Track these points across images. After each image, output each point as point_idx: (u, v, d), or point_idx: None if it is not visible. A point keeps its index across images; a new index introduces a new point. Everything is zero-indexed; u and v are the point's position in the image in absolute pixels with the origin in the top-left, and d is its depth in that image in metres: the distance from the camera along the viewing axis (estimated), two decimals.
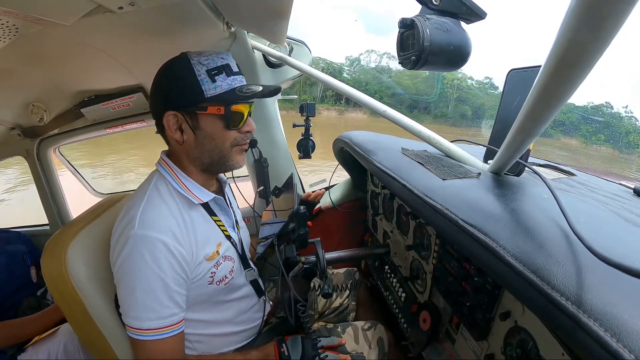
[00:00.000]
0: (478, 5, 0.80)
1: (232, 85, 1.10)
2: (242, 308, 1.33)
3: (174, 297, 1.06)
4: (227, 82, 1.09)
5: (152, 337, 1.04)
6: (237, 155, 1.19)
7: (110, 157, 11.90)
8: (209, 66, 1.08)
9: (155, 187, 1.14)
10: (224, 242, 1.22)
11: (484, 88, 43.12)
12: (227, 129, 1.12)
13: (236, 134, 1.15)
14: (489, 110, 38.71)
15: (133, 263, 1.02)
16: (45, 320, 1.69)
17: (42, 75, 1.57)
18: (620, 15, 0.44)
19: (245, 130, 1.17)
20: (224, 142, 1.14)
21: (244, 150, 1.21)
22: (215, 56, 1.10)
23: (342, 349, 1.37)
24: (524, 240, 0.72)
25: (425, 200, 1.01)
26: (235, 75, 1.12)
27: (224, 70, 1.09)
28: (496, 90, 43.14)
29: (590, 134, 16.39)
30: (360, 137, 1.73)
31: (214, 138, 1.13)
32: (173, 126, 1.12)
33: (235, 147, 1.17)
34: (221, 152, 1.15)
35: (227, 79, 1.09)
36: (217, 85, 1.08)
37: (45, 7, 0.88)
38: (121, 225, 1.08)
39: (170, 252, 1.03)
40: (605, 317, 0.52)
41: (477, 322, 0.99)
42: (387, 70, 47.41)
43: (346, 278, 1.79)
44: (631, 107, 44.04)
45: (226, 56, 1.13)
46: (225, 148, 1.15)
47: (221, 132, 1.13)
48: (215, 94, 1.08)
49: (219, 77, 1.08)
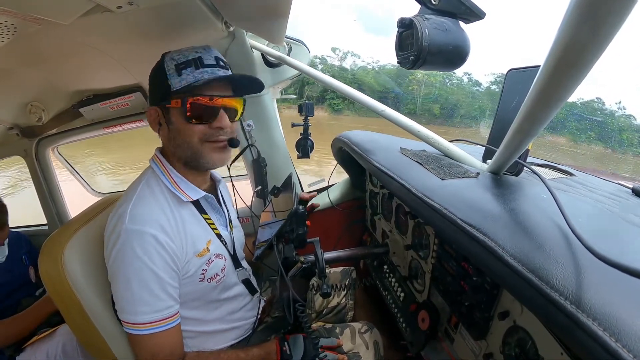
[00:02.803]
0: (477, 5, 0.80)
1: (197, 78, 1.08)
2: (233, 307, 1.34)
3: (167, 290, 1.07)
4: (193, 75, 1.08)
5: (148, 330, 1.05)
6: (210, 153, 1.15)
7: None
8: (179, 61, 1.08)
9: (147, 184, 1.15)
10: (214, 240, 1.23)
11: (461, 84, 42.66)
12: (188, 122, 1.10)
13: (205, 129, 1.12)
14: (465, 107, 38.38)
15: (125, 257, 1.02)
16: (39, 313, 1.70)
17: (41, 74, 1.56)
18: (620, 15, 0.44)
19: (216, 126, 1.12)
20: (191, 137, 1.12)
21: (218, 149, 1.16)
22: (189, 51, 1.10)
23: (340, 349, 1.38)
24: (523, 239, 0.72)
25: (424, 200, 1.01)
26: (206, 68, 1.09)
27: (193, 64, 1.08)
28: (479, 87, 42.77)
29: (580, 132, 16.07)
30: (359, 136, 1.73)
31: (181, 132, 1.13)
32: (153, 121, 1.15)
33: (206, 144, 1.14)
34: (191, 148, 1.13)
35: (195, 72, 1.08)
36: (183, 78, 1.08)
37: (43, 7, 0.88)
38: (113, 222, 1.09)
39: (161, 245, 1.04)
40: (604, 316, 0.52)
41: (476, 321, 0.99)
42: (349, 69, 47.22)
43: (343, 277, 1.78)
44: (624, 103, 43.17)
45: (203, 50, 1.12)
46: (194, 143, 1.13)
47: (185, 126, 1.11)
48: (179, 87, 1.08)
49: (186, 70, 1.08)
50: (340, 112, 31.62)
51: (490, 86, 41.66)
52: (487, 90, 41.48)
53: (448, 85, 41.97)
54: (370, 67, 46.65)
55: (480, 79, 41.76)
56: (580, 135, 16.07)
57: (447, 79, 40.20)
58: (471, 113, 37.08)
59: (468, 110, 37.68)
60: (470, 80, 41.56)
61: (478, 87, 42.32)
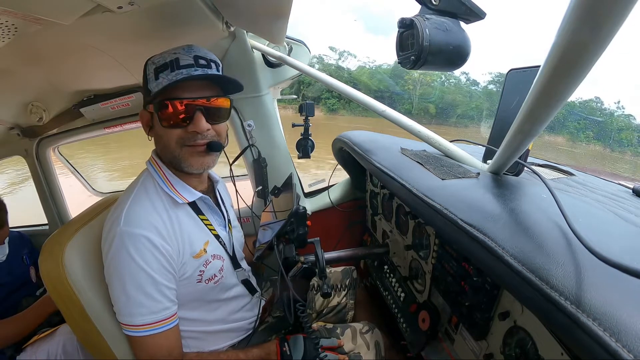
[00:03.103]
0: (477, 5, 0.80)
1: (171, 80, 1.05)
2: (233, 308, 1.34)
3: (163, 291, 1.07)
4: (168, 77, 1.06)
5: (146, 332, 1.05)
6: (189, 157, 1.12)
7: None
8: (157, 64, 1.08)
9: (143, 185, 1.16)
10: (211, 241, 1.23)
11: (459, 84, 42.42)
12: (162, 126, 1.09)
13: (181, 133, 1.09)
14: (462, 106, 38.19)
15: (120, 260, 1.03)
16: (39, 312, 1.70)
17: (41, 75, 1.56)
18: (620, 15, 0.44)
19: (191, 130, 1.08)
20: (169, 141, 1.11)
21: (197, 153, 1.13)
22: (169, 53, 1.08)
23: (341, 350, 1.38)
24: (523, 240, 0.72)
25: (424, 200, 1.01)
26: (182, 69, 1.06)
27: (169, 66, 1.06)
28: (477, 87, 42.52)
29: (578, 131, 15.89)
30: (360, 137, 1.73)
31: (160, 136, 1.13)
32: (145, 124, 1.17)
33: (185, 148, 1.11)
34: (170, 151, 1.12)
35: (170, 74, 1.05)
36: (159, 82, 1.07)
37: (44, 7, 0.88)
38: (109, 223, 1.09)
39: (156, 247, 1.04)
40: (604, 316, 0.52)
41: (476, 321, 0.99)
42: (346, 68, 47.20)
43: (344, 277, 1.78)
44: (623, 102, 42.71)
45: (182, 50, 1.09)
46: (172, 147, 1.11)
47: (162, 130, 1.11)
48: (155, 91, 1.07)
49: (163, 73, 1.06)
50: (336, 112, 31.55)
51: (488, 85, 41.45)
52: (484, 89, 41.27)
53: (445, 84, 41.77)
54: (367, 67, 46.54)
55: (478, 79, 41.51)
56: (579, 134, 15.92)
57: (444, 78, 39.98)
58: (468, 113, 36.97)
59: (465, 110, 37.54)
60: (468, 80, 41.38)
61: (476, 87, 42.13)
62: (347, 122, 26.71)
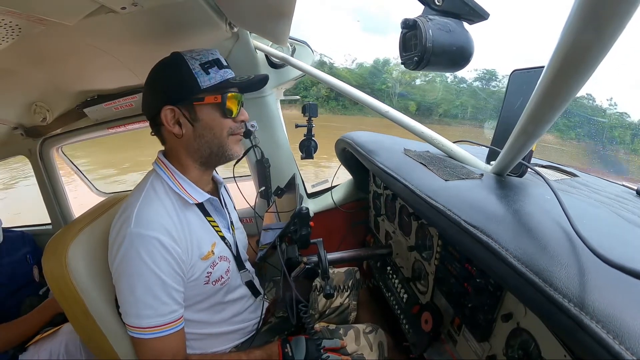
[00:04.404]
0: (481, 5, 0.80)
1: (224, 77, 1.14)
2: (237, 309, 1.34)
3: (172, 294, 1.07)
4: (219, 74, 1.13)
5: (152, 335, 1.05)
6: (234, 145, 1.22)
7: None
8: (202, 60, 1.12)
9: (152, 186, 1.15)
10: (218, 242, 1.23)
11: (445, 82, 41.64)
12: (224, 117, 1.16)
13: (231, 123, 1.19)
14: (444, 104, 37.49)
15: (130, 261, 1.03)
16: (43, 315, 1.70)
17: (45, 75, 1.57)
18: (624, 16, 0.44)
19: (240, 119, 1.21)
20: (222, 131, 1.17)
21: (239, 140, 1.24)
22: (205, 52, 1.14)
23: (343, 350, 1.38)
24: (527, 241, 0.72)
25: (427, 201, 1.01)
26: (226, 69, 1.16)
27: (215, 64, 1.14)
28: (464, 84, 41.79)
29: (569, 129, 15.55)
30: (363, 137, 1.73)
31: (212, 127, 1.16)
32: (171, 120, 1.14)
33: (231, 137, 1.20)
34: (220, 141, 1.18)
35: (220, 71, 1.14)
36: (212, 77, 1.12)
37: (48, 8, 0.88)
38: (118, 224, 1.09)
39: (166, 250, 1.04)
40: (608, 319, 0.52)
41: (479, 323, 0.99)
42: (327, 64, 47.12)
43: (347, 277, 1.79)
44: (615, 99, 41.81)
45: (215, 52, 1.17)
46: (223, 137, 1.18)
47: (219, 121, 1.16)
48: (210, 85, 1.11)
49: (212, 69, 1.12)
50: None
51: (473, 82, 40.84)
52: (469, 86, 40.68)
53: (430, 83, 41.27)
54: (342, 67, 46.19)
55: (466, 76, 40.81)
56: (569, 132, 15.56)
57: (431, 77, 39.24)
58: (451, 111, 36.37)
59: (448, 108, 36.87)
60: (455, 78, 40.80)
61: (464, 84, 41.53)
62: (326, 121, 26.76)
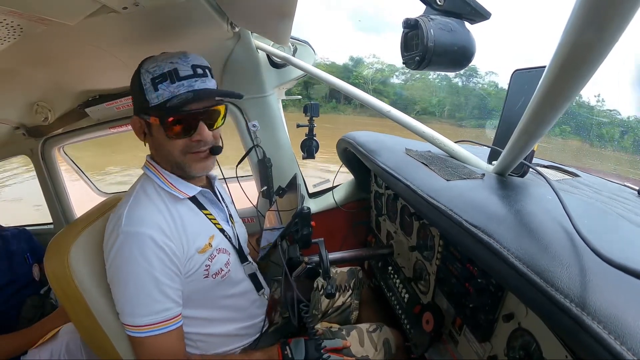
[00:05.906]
0: (482, 5, 0.80)
1: (174, 93, 1.05)
2: (242, 304, 1.33)
3: (166, 292, 1.06)
4: (169, 89, 1.05)
5: (147, 333, 1.04)
6: (194, 163, 1.15)
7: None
8: (155, 74, 1.05)
9: (142, 187, 1.16)
10: (216, 235, 1.23)
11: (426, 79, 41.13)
12: (168, 138, 1.10)
13: (185, 142, 1.11)
14: (421, 102, 37.09)
15: (122, 260, 1.03)
16: (49, 327, 1.69)
17: (47, 75, 1.57)
18: (626, 15, 0.44)
19: (196, 139, 1.11)
20: (173, 150, 1.12)
21: (200, 159, 1.16)
22: (165, 62, 1.06)
23: (347, 351, 1.37)
24: (528, 241, 0.72)
25: (429, 201, 1.01)
26: (183, 81, 1.06)
27: (168, 77, 1.05)
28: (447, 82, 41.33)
29: (555, 126, 15.42)
30: (364, 137, 1.73)
31: (162, 145, 1.13)
32: (138, 129, 1.16)
33: (188, 155, 1.14)
34: (174, 159, 1.14)
35: (171, 86, 1.05)
36: (160, 94, 1.05)
37: (49, 8, 0.88)
38: (111, 225, 1.10)
39: (159, 247, 1.04)
40: (609, 319, 0.52)
41: (480, 323, 0.99)
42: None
43: (349, 277, 1.79)
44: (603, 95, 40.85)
45: (178, 60, 1.07)
46: (177, 156, 1.13)
47: (165, 141, 1.11)
48: (156, 104, 1.06)
49: (162, 85, 1.05)
50: (285, 109, 31.08)
51: (453, 79, 40.45)
52: (448, 82, 40.30)
53: (408, 83, 40.79)
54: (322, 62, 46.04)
55: (449, 73, 40.31)
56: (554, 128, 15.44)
57: (410, 75, 38.78)
58: (428, 109, 35.84)
59: (425, 106, 36.33)
60: (438, 75, 40.40)
61: (447, 82, 41.15)
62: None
